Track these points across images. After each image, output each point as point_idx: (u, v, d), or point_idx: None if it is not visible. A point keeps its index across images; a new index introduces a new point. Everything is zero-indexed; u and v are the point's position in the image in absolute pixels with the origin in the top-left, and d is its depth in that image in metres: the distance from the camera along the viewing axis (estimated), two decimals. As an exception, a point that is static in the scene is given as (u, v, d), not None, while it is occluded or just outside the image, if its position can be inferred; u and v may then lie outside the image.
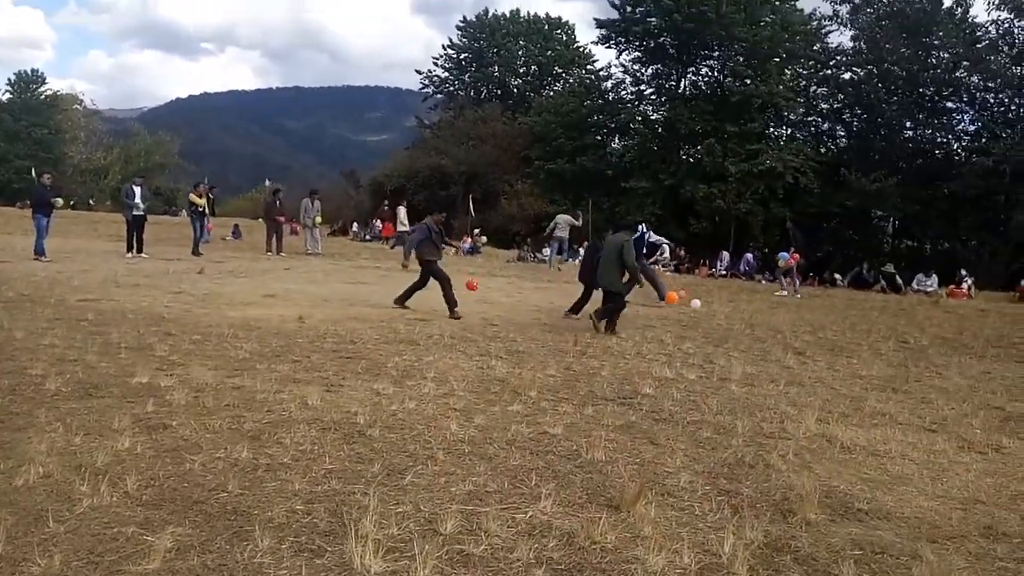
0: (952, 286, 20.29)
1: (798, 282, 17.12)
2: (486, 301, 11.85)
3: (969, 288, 20.16)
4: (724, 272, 22.17)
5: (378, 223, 30.77)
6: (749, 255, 23.31)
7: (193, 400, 4.91)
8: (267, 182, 40.75)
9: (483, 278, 16.32)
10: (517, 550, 2.93)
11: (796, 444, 4.75)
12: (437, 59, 52.95)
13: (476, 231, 26.49)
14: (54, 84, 66.79)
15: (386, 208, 28.94)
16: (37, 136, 59.72)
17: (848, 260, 23.29)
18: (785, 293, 16.45)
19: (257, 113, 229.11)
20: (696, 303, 13.07)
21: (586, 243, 18.47)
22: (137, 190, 16.88)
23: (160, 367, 5.78)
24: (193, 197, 18.74)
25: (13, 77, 63.16)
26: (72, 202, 43.08)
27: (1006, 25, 30.14)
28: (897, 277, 20.49)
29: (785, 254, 16.12)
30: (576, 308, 10.50)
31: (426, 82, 53.43)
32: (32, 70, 64.09)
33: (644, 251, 12.91)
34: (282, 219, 20.00)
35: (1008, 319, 14.82)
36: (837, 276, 21.41)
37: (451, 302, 9.65)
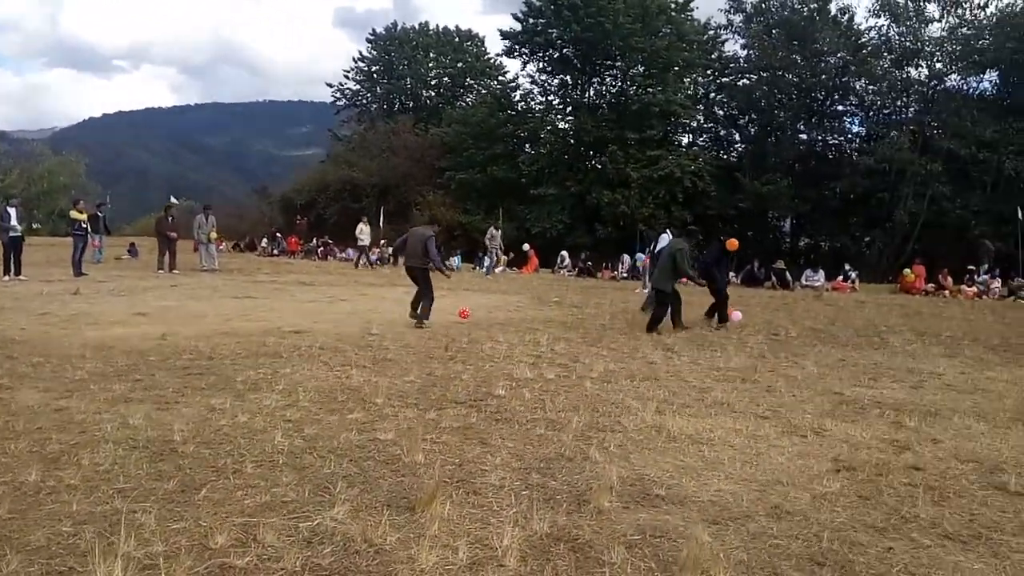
0: (837, 280, 21.30)
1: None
2: (376, 311, 11.71)
3: (853, 281, 21.20)
4: (625, 275, 22.65)
5: (279, 237, 30.17)
6: (640, 255, 23.85)
7: (3, 424, 4.64)
8: (171, 199, 39.48)
9: (385, 288, 16.19)
10: (285, 559, 2.87)
11: (624, 436, 4.86)
12: (348, 72, 52.48)
13: (383, 242, 26.23)
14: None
15: (299, 222, 28.43)
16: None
17: (745, 259, 24.09)
18: (646, 291, 16.50)
19: (175, 130, 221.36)
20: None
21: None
22: (12, 211, 16.08)
23: (-20, 393, 5.45)
24: (74, 213, 17.95)
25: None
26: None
27: (885, 31, 32.01)
28: (787, 273, 21.36)
29: (641, 255, 16.65)
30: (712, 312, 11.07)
31: (338, 95, 52.88)
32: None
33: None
34: (174, 235, 19.32)
35: (883, 309, 15.65)
36: (731, 274, 22.14)
37: (424, 313, 9.93)
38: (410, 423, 5.00)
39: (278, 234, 31.21)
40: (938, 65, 31.41)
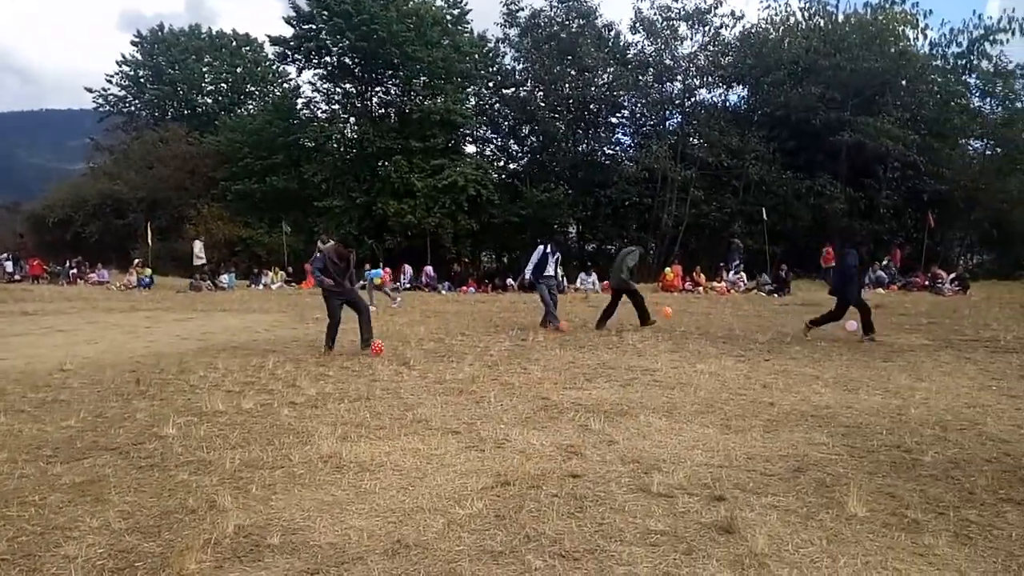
0: (605, 282, 22.40)
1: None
2: (92, 342, 10.32)
3: (619, 283, 22.39)
4: (407, 285, 22.33)
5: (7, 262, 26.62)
6: (429, 268, 23.81)
7: None
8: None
9: (124, 314, 14.53)
10: None
11: (284, 472, 4.38)
12: (111, 76, 47.55)
13: (137, 262, 23.83)
14: None
15: (21, 240, 25.18)
16: None
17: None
18: (397, 303, 16.63)
19: None
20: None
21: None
22: None
23: None
24: None
25: None
26: None
27: (642, 48, 34.47)
28: (564, 278, 22.12)
29: (378, 271, 16.84)
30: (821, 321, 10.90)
31: (100, 101, 47.79)
32: None
33: (549, 272, 12.11)
34: None
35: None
36: (509, 281, 22.64)
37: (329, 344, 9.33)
38: (19, 483, 4.18)
39: (14, 256, 27.36)
40: (691, 80, 34.31)
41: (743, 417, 5.81)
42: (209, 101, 48.31)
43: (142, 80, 47.53)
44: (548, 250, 12.16)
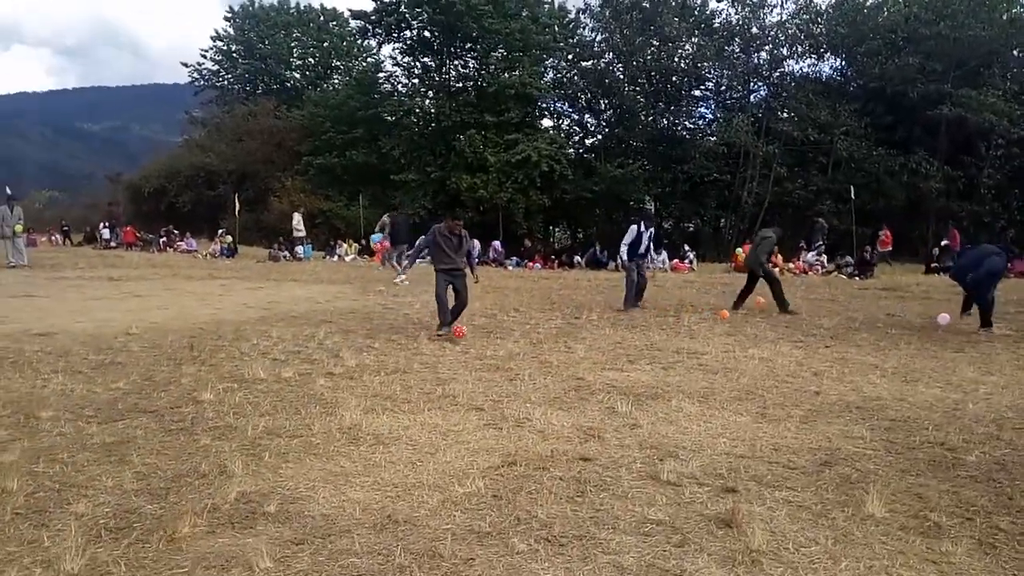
0: (676, 260, 21.91)
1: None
2: (164, 309, 10.84)
3: (691, 262, 21.86)
4: (477, 260, 22.41)
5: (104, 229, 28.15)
6: (496, 243, 23.83)
7: None
8: (7, 190, 36.17)
9: (203, 282, 15.20)
10: None
11: (301, 441, 4.47)
12: (205, 51, 49.52)
13: (221, 232, 24.85)
14: None
15: (111, 208, 26.58)
16: None
17: (590, 242, 24.58)
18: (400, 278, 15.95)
19: (52, 116, 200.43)
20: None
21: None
22: None
23: None
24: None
25: None
26: None
27: (727, 17, 33.18)
28: (619, 256, 21.70)
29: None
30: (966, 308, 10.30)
31: (195, 75, 49.91)
32: None
33: (642, 251, 11.91)
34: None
35: (705, 287, 16.15)
36: (576, 258, 22.42)
37: (443, 321, 8.57)
38: (55, 440, 4.43)
39: (110, 224, 29.01)
40: (779, 50, 32.85)
41: (782, 406, 5.56)
42: (297, 76, 49.65)
43: (234, 55, 49.29)
44: (642, 228, 11.81)
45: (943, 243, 22.07)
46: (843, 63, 34.99)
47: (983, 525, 3.38)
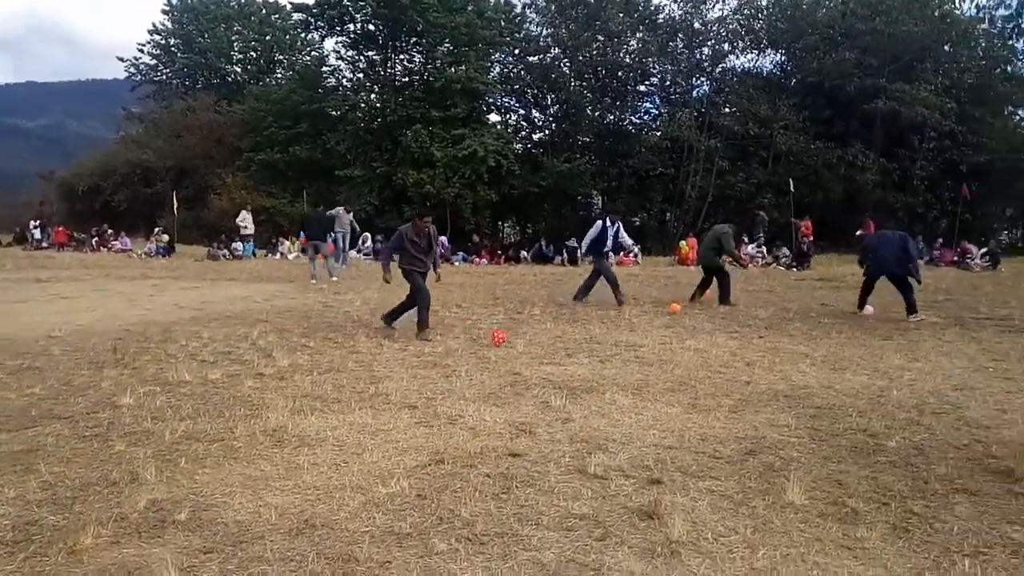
0: (622, 254, 22.07)
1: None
2: (90, 310, 10.43)
3: (635, 256, 22.07)
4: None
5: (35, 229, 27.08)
6: (443, 238, 23.65)
7: None
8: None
9: (134, 283, 14.70)
10: None
11: (221, 445, 4.33)
12: (143, 46, 47.92)
13: (157, 230, 24.09)
14: None
15: (40, 206, 25.64)
16: None
17: (535, 237, 24.65)
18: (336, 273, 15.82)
19: None
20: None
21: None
22: None
23: None
24: None
25: None
26: None
27: (671, 13, 33.57)
28: (578, 250, 21.82)
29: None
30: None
31: (132, 70, 48.29)
32: None
33: (607, 248, 11.92)
34: None
35: (648, 280, 16.32)
36: (523, 252, 22.44)
37: (422, 323, 8.33)
38: (-41, 451, 4.19)
39: (41, 224, 27.90)
40: (720, 46, 33.39)
41: (713, 396, 5.62)
42: (238, 70, 48.36)
43: (173, 49, 47.75)
44: (607, 224, 11.77)
45: (858, 232, 22.50)
46: (783, 58, 35.81)
47: (898, 510, 3.45)
